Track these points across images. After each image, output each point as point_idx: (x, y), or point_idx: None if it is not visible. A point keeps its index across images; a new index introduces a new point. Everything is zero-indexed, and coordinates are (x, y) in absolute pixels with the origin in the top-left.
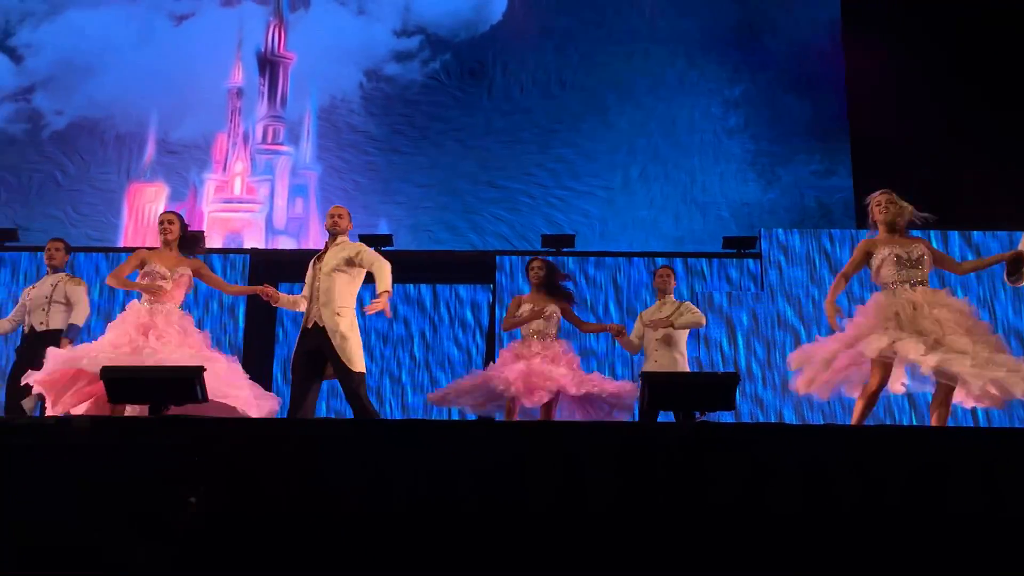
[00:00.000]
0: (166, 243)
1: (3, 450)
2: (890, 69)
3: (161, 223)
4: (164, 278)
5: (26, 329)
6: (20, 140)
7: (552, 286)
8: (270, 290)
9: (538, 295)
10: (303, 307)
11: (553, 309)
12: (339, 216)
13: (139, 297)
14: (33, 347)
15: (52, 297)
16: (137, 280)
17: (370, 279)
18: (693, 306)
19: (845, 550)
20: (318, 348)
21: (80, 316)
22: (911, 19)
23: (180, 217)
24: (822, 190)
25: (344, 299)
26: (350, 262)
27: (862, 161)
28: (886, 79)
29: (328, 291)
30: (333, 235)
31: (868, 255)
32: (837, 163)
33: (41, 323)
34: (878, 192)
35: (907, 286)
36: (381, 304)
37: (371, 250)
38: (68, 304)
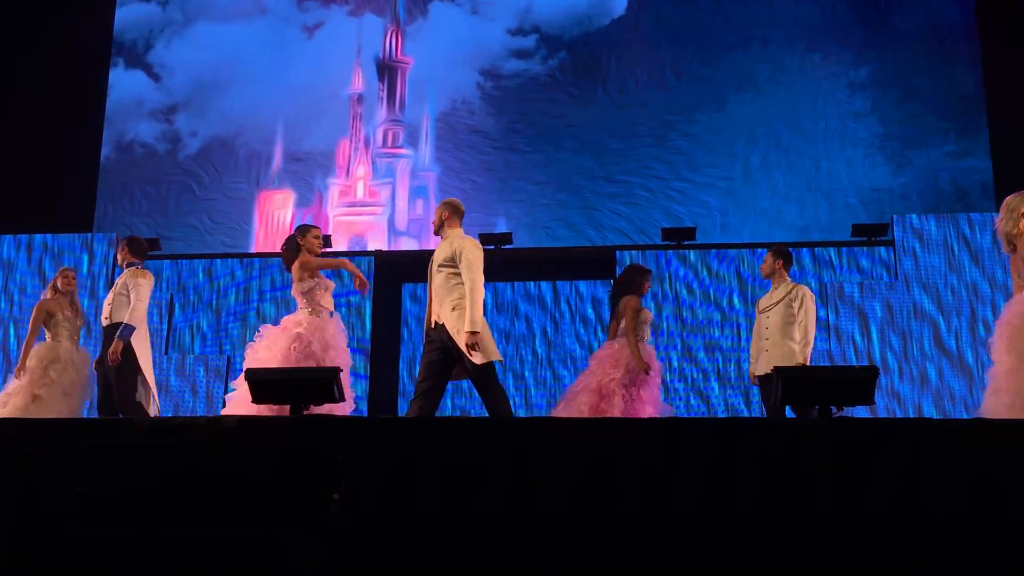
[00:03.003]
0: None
1: (158, 449)
2: None
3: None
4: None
5: None
6: (159, 155)
7: None
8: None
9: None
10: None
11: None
12: (435, 213)
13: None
14: (104, 343)
15: (117, 290)
16: None
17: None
18: (808, 291)
19: (1011, 554)
20: (444, 346)
21: (134, 314)
22: None
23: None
24: (958, 172)
25: (454, 293)
26: (450, 259)
27: (1002, 140)
28: None
29: (439, 288)
30: (438, 233)
31: None
32: (974, 143)
33: (106, 318)
34: None
35: None
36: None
37: (467, 247)
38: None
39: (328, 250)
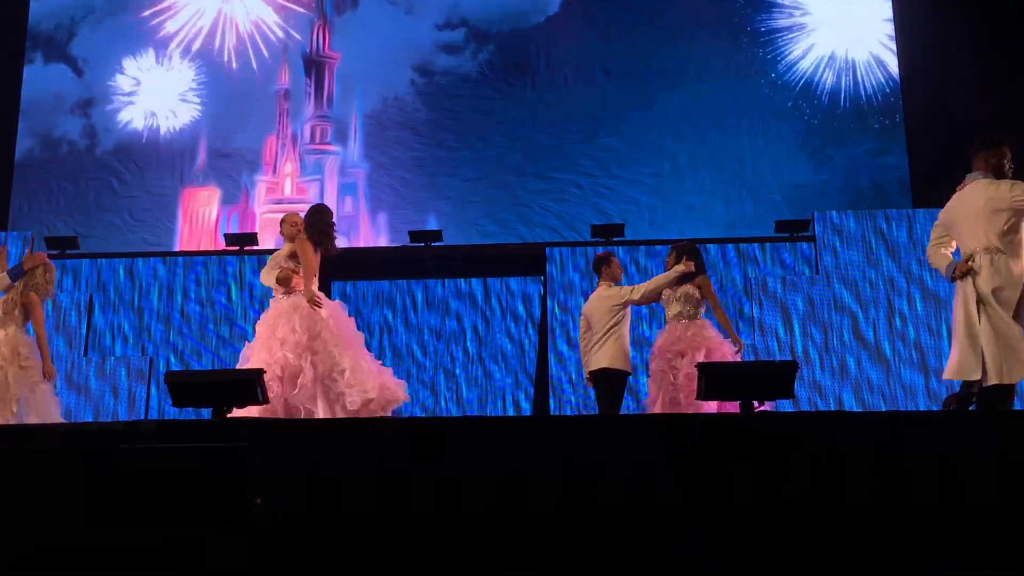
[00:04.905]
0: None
1: (82, 454)
2: (945, 42)
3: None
4: None
5: None
6: (78, 150)
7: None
8: None
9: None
10: None
11: (689, 290)
12: None
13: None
14: None
15: None
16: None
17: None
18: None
19: (922, 544)
20: None
21: None
22: None
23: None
24: (876, 169)
25: None
26: None
27: (917, 138)
28: (941, 52)
29: None
30: None
31: None
32: (891, 142)
33: None
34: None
35: None
36: None
37: None
38: None
39: (255, 248)
